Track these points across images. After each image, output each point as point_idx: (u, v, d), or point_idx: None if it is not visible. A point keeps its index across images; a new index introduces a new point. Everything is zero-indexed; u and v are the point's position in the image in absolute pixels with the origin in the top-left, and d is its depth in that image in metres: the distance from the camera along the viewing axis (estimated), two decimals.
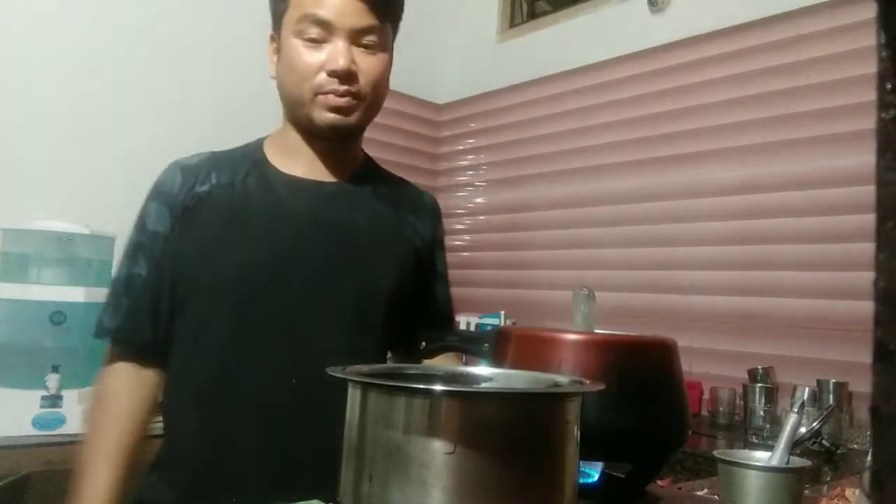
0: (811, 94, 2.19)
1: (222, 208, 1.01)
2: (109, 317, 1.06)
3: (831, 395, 1.92)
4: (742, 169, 2.32)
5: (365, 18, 0.99)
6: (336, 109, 0.99)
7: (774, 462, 0.82)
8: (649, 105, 2.62)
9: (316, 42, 0.98)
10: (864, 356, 0.29)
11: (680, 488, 1.11)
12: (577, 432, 0.60)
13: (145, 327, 1.02)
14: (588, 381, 0.66)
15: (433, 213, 1.19)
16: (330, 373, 0.64)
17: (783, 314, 2.17)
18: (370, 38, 1.01)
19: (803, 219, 2.16)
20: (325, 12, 0.97)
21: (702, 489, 1.10)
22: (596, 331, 0.85)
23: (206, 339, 0.98)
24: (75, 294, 1.86)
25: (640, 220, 2.56)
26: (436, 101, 3.38)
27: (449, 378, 0.74)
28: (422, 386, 0.58)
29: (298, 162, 1.06)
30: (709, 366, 2.29)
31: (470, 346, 0.91)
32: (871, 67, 0.29)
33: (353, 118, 1.01)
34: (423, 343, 0.95)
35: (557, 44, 2.94)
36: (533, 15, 3.20)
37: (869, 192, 0.31)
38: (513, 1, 3.25)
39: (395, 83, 3.01)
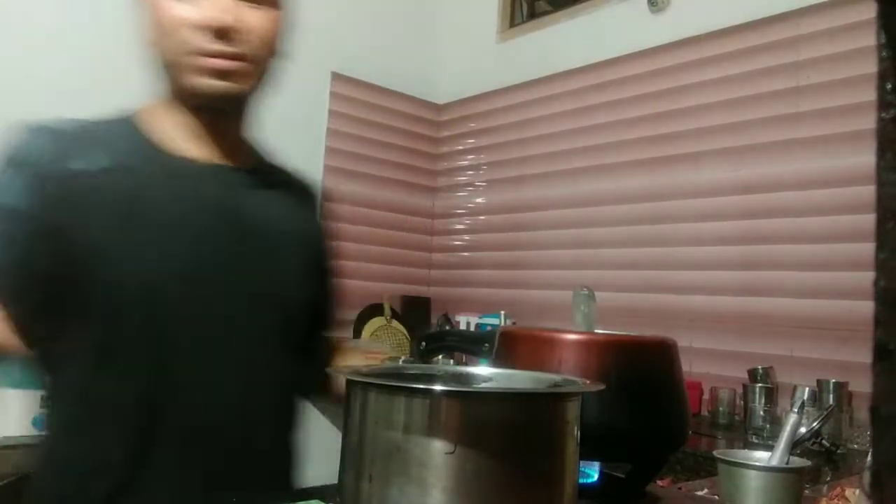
0: (811, 94, 2.19)
1: (112, 196, 0.82)
2: None
3: (831, 395, 1.92)
4: (742, 169, 2.32)
5: None
6: (217, 73, 0.84)
7: (774, 462, 0.82)
8: (649, 105, 2.62)
9: None
10: (864, 356, 0.29)
11: (680, 488, 1.11)
12: (576, 432, 0.60)
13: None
14: (588, 382, 0.66)
15: (318, 204, 1.07)
16: (331, 372, 0.64)
17: (783, 314, 2.17)
18: None
19: (803, 219, 2.16)
20: None
21: (702, 489, 1.10)
22: (596, 331, 0.85)
23: (117, 354, 0.81)
24: None
25: (640, 220, 2.56)
26: (436, 101, 3.39)
27: (449, 378, 0.74)
28: (422, 386, 0.58)
29: (189, 142, 0.90)
30: (709, 366, 2.29)
31: (470, 346, 0.91)
32: (870, 67, 0.29)
33: (243, 84, 0.87)
34: (423, 343, 0.95)
35: (557, 44, 2.94)
36: (533, 15, 3.20)
37: (869, 191, 0.31)
38: (513, 1, 3.25)
39: (394, 83, 3.05)
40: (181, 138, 0.90)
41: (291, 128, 2.87)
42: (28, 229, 0.81)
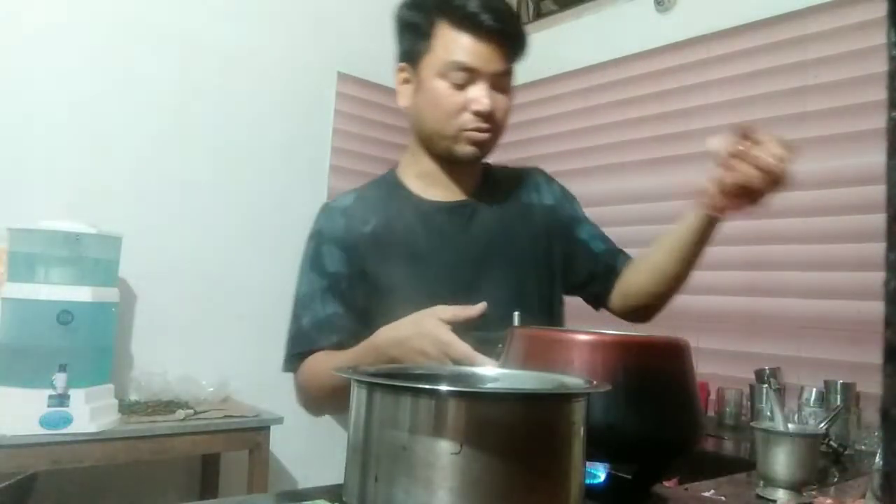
0: (818, 94, 2.18)
1: (391, 243, 1.15)
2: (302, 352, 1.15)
3: (839, 396, 1.91)
4: None
5: (502, 64, 1.12)
6: (477, 144, 1.13)
7: (780, 428, 1.01)
8: (655, 104, 2.61)
9: (459, 85, 1.10)
10: (872, 357, 0.29)
11: (686, 489, 1.10)
12: (583, 433, 0.60)
13: (348, 341, 1.11)
14: (595, 382, 0.66)
15: (546, 180, 1.31)
16: (336, 372, 0.65)
17: (790, 314, 2.16)
18: (504, 81, 1.15)
19: (811, 219, 2.15)
20: (471, 60, 1.09)
21: (708, 490, 1.09)
22: (606, 331, 0.85)
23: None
24: (82, 294, 1.87)
25: (647, 219, 2.55)
26: None
27: (455, 378, 0.74)
28: (428, 386, 0.58)
29: (436, 187, 1.20)
30: (715, 366, 2.28)
31: (484, 346, 0.91)
32: (878, 67, 0.29)
33: (488, 149, 1.16)
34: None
35: (564, 44, 2.93)
36: (539, 15, 3.20)
37: (878, 191, 0.30)
38: (519, 1, 3.24)
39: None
40: (427, 185, 1.21)
41: (298, 128, 2.87)
42: (348, 283, 1.14)
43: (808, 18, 2.22)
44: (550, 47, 2.98)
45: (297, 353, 1.16)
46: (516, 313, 0.97)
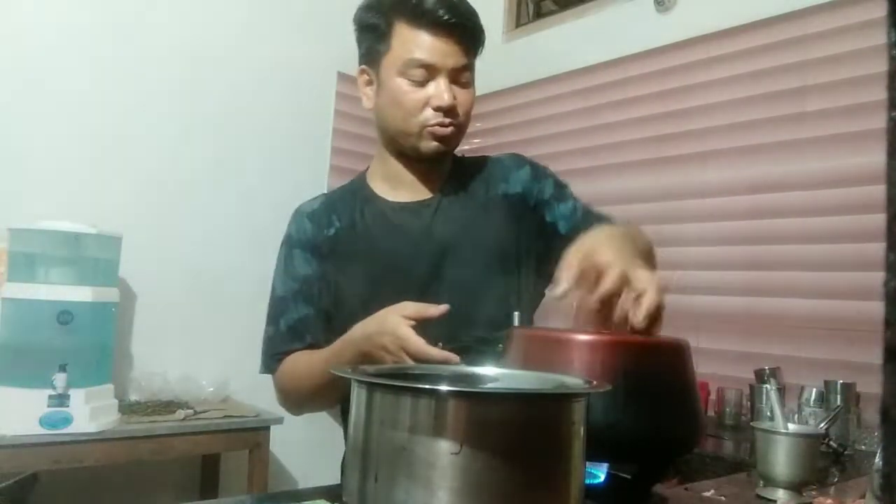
0: (818, 94, 2.18)
1: (352, 245, 1.18)
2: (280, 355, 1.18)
3: (839, 396, 1.90)
4: (749, 168, 2.31)
5: (460, 59, 1.14)
6: (440, 139, 1.14)
7: (780, 427, 1.00)
8: (655, 105, 2.61)
9: (419, 82, 1.12)
10: (872, 357, 0.29)
11: (686, 489, 1.10)
12: (583, 433, 0.59)
13: (320, 341, 1.15)
14: (595, 382, 0.66)
15: (516, 166, 1.27)
16: (335, 372, 0.65)
17: (790, 314, 2.16)
18: (465, 76, 1.16)
19: (811, 219, 2.15)
20: (429, 56, 1.11)
21: (708, 490, 1.09)
22: (606, 331, 0.85)
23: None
24: (82, 294, 1.87)
25: (646, 219, 2.55)
26: None
27: (455, 378, 0.74)
28: (427, 386, 0.58)
29: (402, 187, 1.21)
30: (715, 366, 2.28)
31: (484, 346, 0.91)
32: (878, 67, 0.29)
33: (452, 144, 1.18)
34: (440, 344, 0.95)
35: (564, 44, 2.93)
36: (539, 14, 3.20)
37: (878, 191, 0.30)
38: (519, 1, 3.24)
39: None
40: (392, 187, 1.22)
41: (298, 128, 2.87)
42: (317, 285, 1.18)
43: (808, 18, 2.22)
44: (550, 47, 2.98)
45: (273, 356, 1.18)
46: (516, 313, 0.97)
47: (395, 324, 0.95)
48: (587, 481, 0.73)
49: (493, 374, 0.76)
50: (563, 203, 1.24)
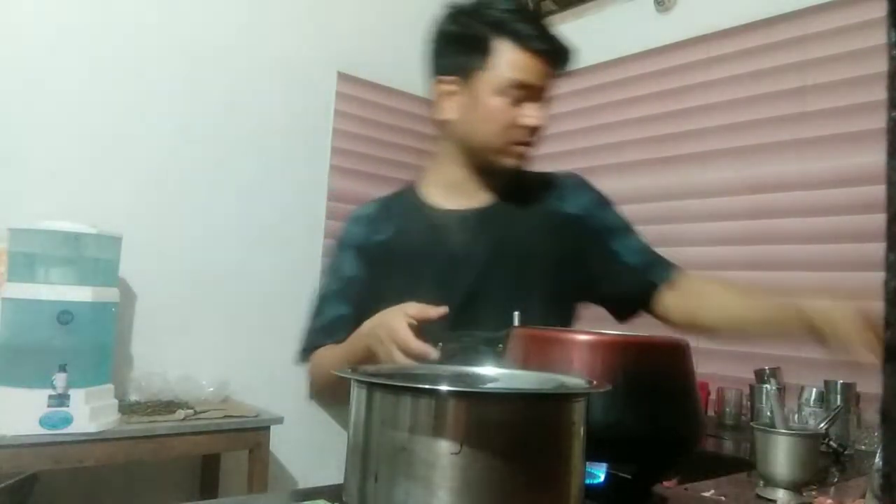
0: (818, 94, 2.18)
1: (401, 252, 1.20)
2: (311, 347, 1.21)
3: (839, 396, 1.90)
4: (749, 168, 2.31)
5: (549, 80, 1.16)
6: (521, 157, 1.17)
7: (780, 427, 1.04)
8: (655, 104, 2.61)
9: (515, 101, 1.13)
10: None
11: (686, 489, 1.10)
12: (583, 433, 0.59)
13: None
14: (595, 382, 0.66)
15: (577, 187, 1.29)
16: (336, 373, 0.65)
17: None
18: (547, 95, 1.18)
19: (811, 219, 2.15)
20: (531, 78, 1.13)
21: (708, 490, 1.09)
22: (606, 331, 0.85)
23: None
24: (82, 294, 1.87)
25: (647, 219, 2.54)
26: None
27: (455, 378, 0.74)
28: (427, 386, 0.58)
29: (459, 197, 1.22)
30: (715, 366, 2.28)
31: (484, 346, 0.91)
32: (878, 67, 0.29)
33: (527, 161, 1.20)
34: (440, 344, 0.95)
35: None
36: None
37: (878, 191, 0.30)
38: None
39: (400, 83, 3.05)
40: (448, 194, 1.23)
41: (298, 128, 2.87)
42: (359, 287, 1.21)
43: (808, 18, 2.22)
44: None
45: (305, 349, 1.22)
46: (516, 313, 0.97)
47: (393, 318, 0.97)
48: (587, 481, 0.73)
49: (493, 374, 0.76)
50: (632, 237, 1.26)
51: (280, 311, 2.77)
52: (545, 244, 1.20)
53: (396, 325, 0.95)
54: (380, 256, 1.21)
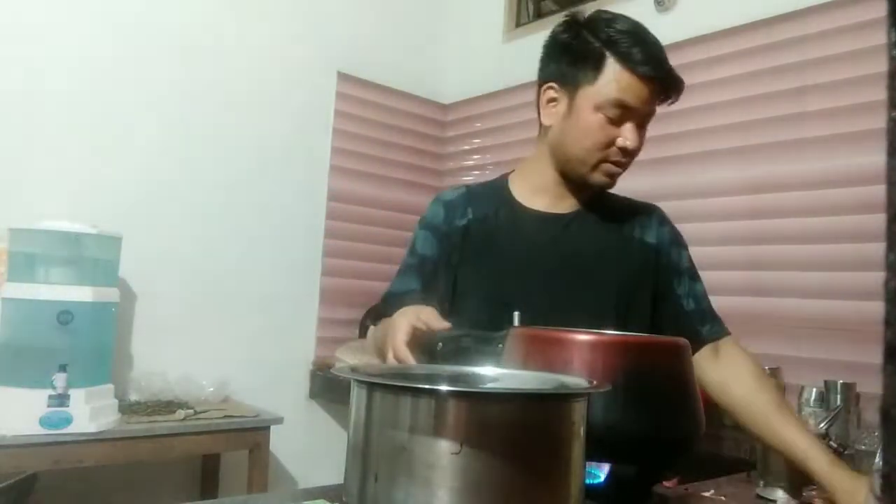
0: (817, 94, 2.18)
1: (480, 239, 1.22)
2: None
3: (839, 396, 1.90)
4: (749, 168, 2.30)
5: (653, 105, 1.18)
6: (612, 176, 1.20)
7: None
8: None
9: (613, 120, 1.14)
10: (872, 357, 0.29)
11: (686, 489, 1.10)
12: (583, 433, 0.59)
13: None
14: (594, 382, 0.66)
15: (658, 222, 1.31)
16: (336, 373, 0.65)
17: (790, 314, 2.16)
18: (648, 120, 1.19)
19: (811, 219, 2.15)
20: (632, 100, 1.14)
21: (708, 490, 1.09)
22: (606, 331, 0.85)
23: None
24: (83, 294, 1.87)
25: None
26: (441, 101, 3.38)
27: (455, 379, 0.74)
28: (428, 386, 0.58)
29: (544, 198, 1.25)
30: None
31: (484, 346, 0.91)
32: (878, 67, 0.29)
33: (617, 181, 1.22)
34: (440, 345, 0.96)
35: None
36: (539, 14, 3.20)
37: (878, 191, 0.30)
38: (519, 1, 3.24)
39: (400, 83, 3.04)
40: (534, 195, 1.26)
41: (298, 128, 2.87)
42: (433, 267, 1.23)
43: (808, 18, 2.22)
44: None
45: (374, 315, 1.28)
46: (516, 313, 0.97)
47: (398, 322, 1.00)
48: (587, 481, 0.73)
49: (493, 374, 0.76)
50: (697, 283, 1.29)
51: (280, 311, 2.78)
52: (618, 263, 1.22)
53: (398, 327, 0.98)
54: (458, 241, 1.23)
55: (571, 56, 1.18)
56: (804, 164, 2.18)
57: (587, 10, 1.26)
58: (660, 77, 1.15)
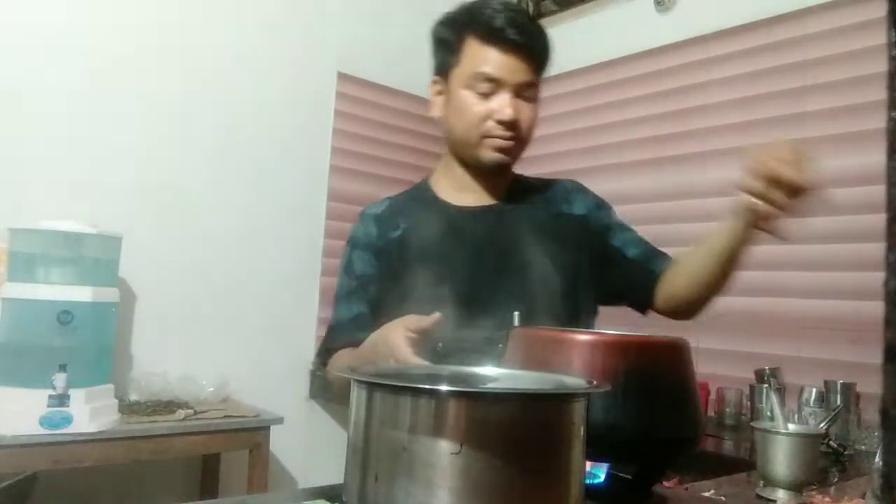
0: (817, 94, 2.18)
1: (418, 246, 1.22)
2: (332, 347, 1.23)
3: (839, 396, 1.90)
4: None
5: (526, 75, 1.18)
6: (500, 150, 1.20)
7: (781, 428, 1.04)
8: (655, 105, 2.61)
9: (485, 95, 1.17)
10: (872, 357, 0.29)
11: (686, 489, 1.10)
12: (583, 433, 0.59)
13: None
14: (594, 382, 0.66)
15: (577, 192, 1.34)
16: (337, 373, 0.65)
17: (791, 314, 2.16)
18: (529, 92, 1.20)
19: (810, 218, 2.15)
20: (495, 71, 1.16)
21: (708, 490, 1.09)
22: (606, 331, 0.85)
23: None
24: (82, 294, 1.87)
25: (646, 219, 2.55)
26: None
27: (455, 378, 0.74)
28: (427, 386, 0.58)
29: (466, 192, 1.27)
30: (715, 366, 2.28)
31: (484, 347, 0.92)
32: (878, 66, 0.29)
33: (512, 156, 1.23)
34: (440, 345, 0.96)
35: (563, 43, 2.92)
36: (539, 14, 3.19)
37: (878, 191, 0.30)
38: (518, 1, 3.24)
39: (400, 83, 3.05)
40: (457, 192, 1.28)
41: (298, 128, 2.87)
42: (376, 285, 1.23)
43: (807, 18, 2.22)
44: None
45: (324, 350, 1.25)
46: (516, 313, 0.98)
47: (394, 333, 1.00)
48: (587, 481, 0.73)
49: (493, 374, 0.76)
50: (628, 232, 1.31)
51: (280, 311, 2.78)
52: (558, 241, 1.23)
53: (397, 342, 0.98)
54: (394, 252, 1.23)
55: (442, 46, 1.23)
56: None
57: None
58: (518, 43, 1.16)
